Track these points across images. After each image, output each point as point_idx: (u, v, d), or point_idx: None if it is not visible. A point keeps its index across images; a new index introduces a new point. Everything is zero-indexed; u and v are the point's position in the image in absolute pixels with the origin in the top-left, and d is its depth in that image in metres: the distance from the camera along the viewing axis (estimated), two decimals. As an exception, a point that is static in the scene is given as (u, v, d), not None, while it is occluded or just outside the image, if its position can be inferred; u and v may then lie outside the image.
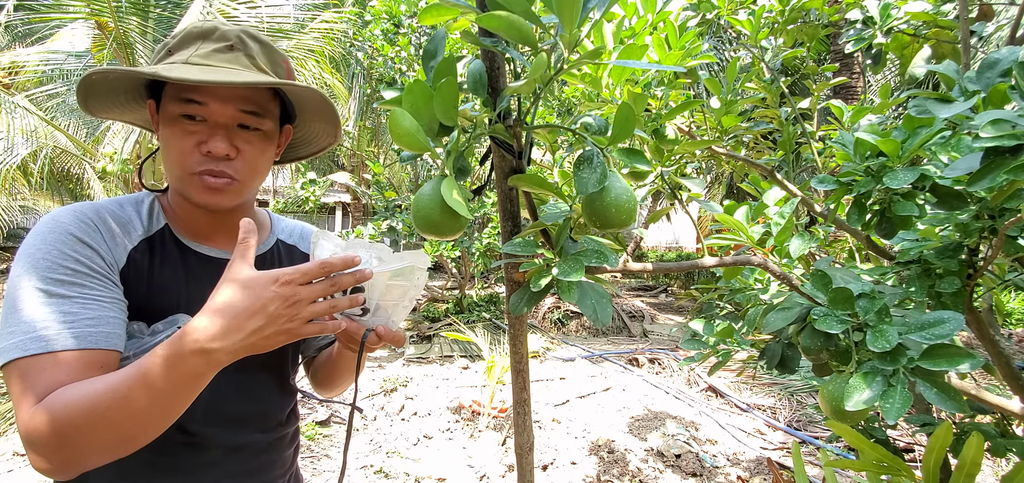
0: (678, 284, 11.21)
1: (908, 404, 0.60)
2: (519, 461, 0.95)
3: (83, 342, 0.65)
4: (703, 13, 1.36)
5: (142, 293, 0.75)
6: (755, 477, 3.08)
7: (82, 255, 0.69)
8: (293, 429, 0.96)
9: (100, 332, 0.67)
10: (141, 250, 0.77)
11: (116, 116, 0.86)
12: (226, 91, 0.76)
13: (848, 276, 0.83)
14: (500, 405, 4.01)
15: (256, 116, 0.79)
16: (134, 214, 0.80)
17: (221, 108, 0.75)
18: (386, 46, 4.91)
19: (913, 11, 1.22)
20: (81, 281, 0.68)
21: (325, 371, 1.00)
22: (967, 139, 0.68)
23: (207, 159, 0.76)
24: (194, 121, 0.75)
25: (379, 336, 0.76)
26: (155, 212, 0.82)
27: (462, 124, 0.70)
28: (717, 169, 6.57)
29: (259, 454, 0.87)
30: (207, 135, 0.75)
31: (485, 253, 6.42)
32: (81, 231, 0.71)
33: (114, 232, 0.75)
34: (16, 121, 5.58)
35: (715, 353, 1.07)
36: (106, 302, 0.70)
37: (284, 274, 0.61)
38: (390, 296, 0.76)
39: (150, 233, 0.80)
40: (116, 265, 0.74)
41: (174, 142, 0.76)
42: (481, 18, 0.55)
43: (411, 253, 0.75)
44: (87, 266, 0.69)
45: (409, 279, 0.75)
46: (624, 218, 0.66)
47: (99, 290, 0.70)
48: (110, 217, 0.76)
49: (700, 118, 1.42)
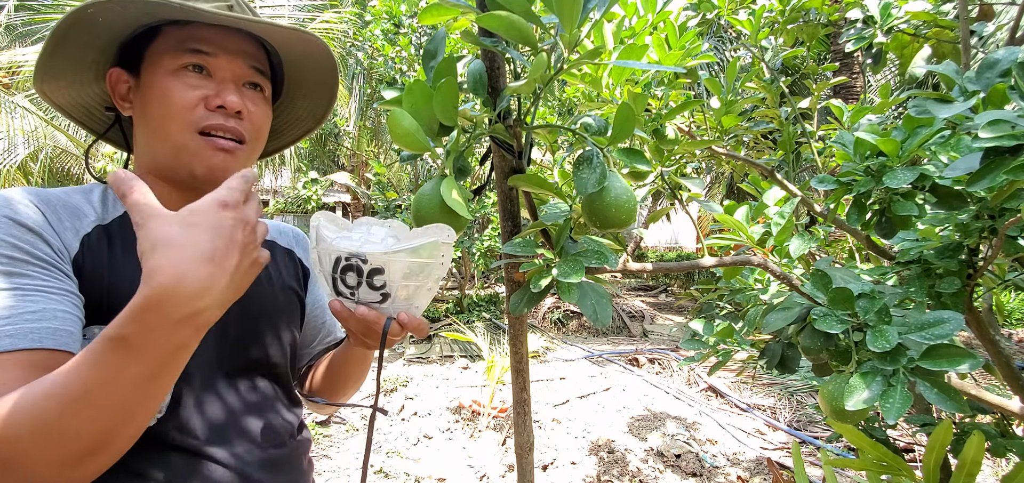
0: (678, 284, 11.21)
1: (908, 404, 0.60)
2: (519, 461, 0.95)
3: (22, 341, 0.52)
4: (703, 13, 1.36)
5: (102, 287, 0.63)
6: (755, 477, 3.08)
7: (22, 240, 0.58)
8: (306, 440, 0.85)
9: (44, 328, 0.54)
10: (96, 236, 0.66)
11: (63, 96, 0.75)
12: (234, 44, 0.71)
13: (848, 276, 0.83)
14: (500, 405, 4.01)
15: (262, 75, 0.75)
16: (83, 201, 0.68)
17: (229, 62, 0.70)
18: (386, 46, 4.91)
19: (913, 11, 1.22)
20: (20, 269, 0.56)
21: (330, 374, 0.91)
22: (967, 139, 0.68)
23: (216, 114, 0.69)
24: (198, 74, 0.69)
25: (402, 325, 0.66)
26: (109, 199, 0.71)
27: (462, 124, 0.70)
28: (717, 169, 6.57)
29: (274, 470, 0.75)
30: (215, 89, 0.69)
31: (486, 254, 6.42)
32: (18, 214, 0.59)
33: (60, 216, 0.63)
34: (16, 121, 5.58)
35: (715, 353, 1.07)
36: (53, 294, 0.57)
37: (223, 196, 0.51)
38: (411, 279, 0.65)
39: (106, 221, 0.68)
40: (66, 252, 0.62)
41: (175, 97, 0.67)
42: (481, 18, 0.55)
43: (434, 227, 0.64)
44: (27, 252, 0.57)
45: (433, 257, 0.64)
46: (624, 218, 0.66)
47: (43, 280, 0.57)
48: (55, 201, 0.64)
49: (700, 118, 1.42)
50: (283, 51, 0.80)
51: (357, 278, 0.63)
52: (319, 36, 0.76)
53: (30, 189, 0.64)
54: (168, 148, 0.69)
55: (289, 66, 0.83)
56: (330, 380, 0.91)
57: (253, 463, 0.71)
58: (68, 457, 0.48)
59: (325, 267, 0.65)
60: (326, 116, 0.90)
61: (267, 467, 0.73)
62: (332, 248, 0.63)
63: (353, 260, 0.63)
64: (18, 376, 0.51)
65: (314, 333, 0.94)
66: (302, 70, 0.83)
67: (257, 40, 0.76)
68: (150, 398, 0.50)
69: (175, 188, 0.73)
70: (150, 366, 0.48)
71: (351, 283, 0.64)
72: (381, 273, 0.63)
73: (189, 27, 0.70)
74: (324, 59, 0.80)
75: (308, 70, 0.83)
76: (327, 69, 0.82)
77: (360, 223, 0.65)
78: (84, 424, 0.47)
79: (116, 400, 0.48)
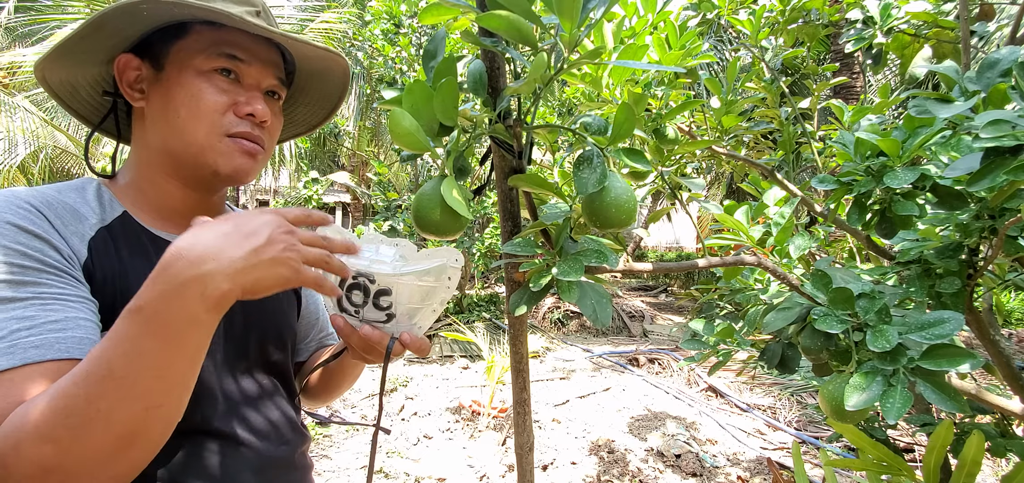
0: (678, 284, 11.21)
1: (908, 404, 0.60)
2: (519, 461, 0.95)
3: (49, 351, 0.51)
4: (703, 13, 1.36)
5: (114, 291, 0.61)
6: (755, 477, 3.08)
7: (31, 247, 0.56)
8: (305, 437, 0.84)
9: (70, 337, 0.53)
10: (102, 239, 0.64)
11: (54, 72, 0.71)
12: (265, 53, 0.71)
13: (848, 276, 0.83)
14: (500, 405, 4.01)
15: (283, 85, 0.76)
16: (79, 200, 0.65)
17: (260, 71, 0.71)
18: (386, 46, 4.91)
19: (913, 11, 1.22)
20: (33, 278, 0.54)
21: (325, 375, 0.91)
22: (967, 139, 0.68)
23: (244, 121, 0.69)
24: (227, 79, 0.69)
25: (404, 344, 0.66)
26: (104, 197, 0.68)
27: (462, 124, 0.70)
28: (717, 169, 6.57)
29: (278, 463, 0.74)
30: (243, 97, 0.70)
31: (486, 253, 6.42)
32: (23, 220, 0.57)
33: (63, 220, 0.61)
34: (16, 121, 5.58)
35: (715, 353, 1.07)
36: (72, 301, 0.56)
37: (280, 209, 0.54)
38: (417, 301, 0.66)
39: (106, 221, 0.66)
40: (76, 259, 0.60)
41: (205, 98, 0.67)
42: (481, 18, 0.55)
43: (442, 250, 0.65)
44: (38, 260, 0.56)
45: (440, 280, 0.65)
46: (624, 218, 0.66)
47: (59, 288, 0.56)
48: (54, 203, 0.62)
49: (700, 118, 1.42)
50: (302, 63, 0.80)
51: (363, 297, 0.63)
52: (343, 55, 0.77)
53: (25, 191, 0.61)
54: (192, 147, 0.68)
55: (300, 76, 0.83)
56: (325, 381, 0.92)
57: (259, 453, 0.71)
58: (102, 450, 0.47)
59: None
60: (323, 124, 0.91)
61: (272, 460, 0.73)
62: None
63: (360, 279, 0.63)
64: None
65: (310, 327, 0.95)
66: (311, 79, 0.83)
67: (279, 48, 0.76)
68: (170, 383, 0.49)
69: (185, 184, 0.72)
70: (163, 340, 0.47)
71: (357, 301, 0.64)
72: (388, 294, 0.63)
73: (222, 31, 0.69)
74: (340, 76, 0.81)
75: (317, 81, 0.83)
76: (339, 84, 0.83)
77: (368, 241, 0.65)
78: (111, 404, 0.46)
79: (137, 377, 0.47)
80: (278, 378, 0.80)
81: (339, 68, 0.80)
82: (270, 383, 0.78)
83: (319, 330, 0.96)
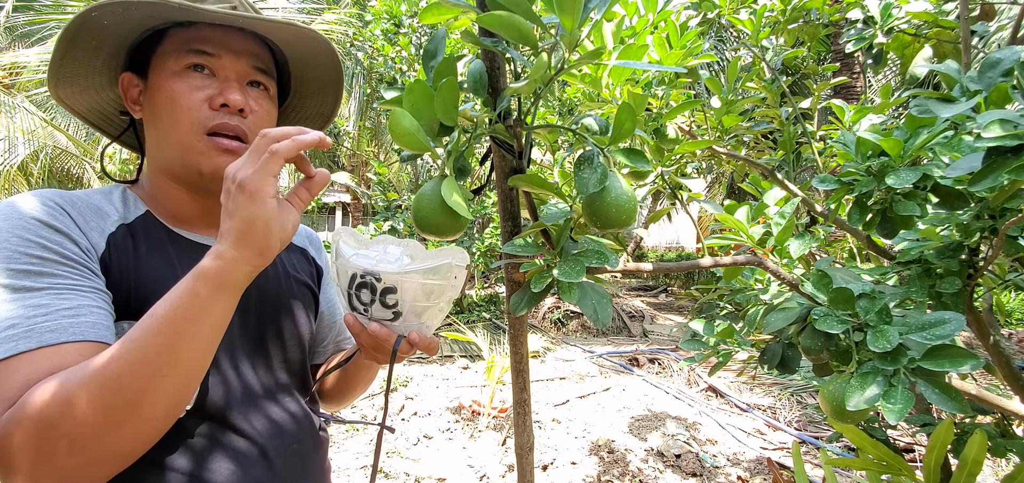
0: (678, 284, 11.21)
1: (909, 405, 0.60)
2: (519, 461, 0.94)
3: (62, 335, 0.55)
4: (704, 12, 1.36)
5: (130, 285, 0.65)
6: (755, 477, 3.08)
7: (50, 241, 0.60)
8: (324, 438, 0.86)
9: (83, 322, 0.57)
10: (121, 235, 0.67)
11: (79, 101, 0.78)
12: (238, 44, 0.72)
13: (848, 276, 0.83)
14: (500, 405, 4.01)
15: (266, 74, 0.76)
16: (104, 202, 0.70)
17: (233, 62, 0.71)
18: (386, 46, 4.91)
19: (914, 11, 1.21)
20: (51, 269, 0.58)
21: (340, 378, 0.92)
22: (968, 139, 0.68)
23: (220, 113, 0.70)
24: (202, 74, 0.70)
25: (411, 343, 0.67)
26: (129, 199, 0.73)
27: (462, 124, 0.69)
28: (717, 169, 6.56)
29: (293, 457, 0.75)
30: (218, 89, 0.70)
31: (486, 254, 6.42)
32: (46, 215, 0.61)
33: (85, 217, 0.65)
34: (16, 121, 5.58)
35: (715, 353, 1.07)
36: (85, 291, 0.60)
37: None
38: (423, 299, 0.67)
39: (128, 219, 0.70)
40: (94, 252, 0.64)
41: (180, 98, 0.69)
42: (481, 18, 0.55)
43: (448, 249, 0.67)
44: (57, 253, 0.60)
45: (445, 279, 0.66)
46: (624, 218, 0.66)
47: (74, 279, 0.60)
48: (79, 202, 0.67)
49: (701, 118, 1.42)
50: (287, 49, 0.81)
51: (371, 295, 0.65)
52: (321, 33, 0.77)
53: (53, 191, 0.66)
54: (176, 149, 0.71)
55: (294, 64, 0.83)
56: (341, 383, 0.93)
57: (274, 445, 0.72)
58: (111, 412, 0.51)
59: (342, 282, 0.67)
60: (334, 114, 0.92)
61: (285, 456, 0.74)
62: (349, 265, 0.65)
63: (367, 278, 0.64)
64: (66, 367, 0.54)
65: (327, 330, 0.96)
66: (306, 68, 0.84)
67: (262, 39, 0.77)
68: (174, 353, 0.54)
69: (185, 188, 0.75)
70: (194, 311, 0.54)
71: (365, 300, 0.66)
72: (394, 292, 0.64)
73: (193, 28, 0.71)
74: (327, 56, 0.81)
75: (312, 68, 0.84)
76: (331, 66, 0.83)
77: (377, 241, 0.67)
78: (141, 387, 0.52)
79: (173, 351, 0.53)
80: (294, 377, 0.81)
81: (323, 47, 0.80)
82: (287, 380, 0.80)
83: (336, 334, 0.98)
